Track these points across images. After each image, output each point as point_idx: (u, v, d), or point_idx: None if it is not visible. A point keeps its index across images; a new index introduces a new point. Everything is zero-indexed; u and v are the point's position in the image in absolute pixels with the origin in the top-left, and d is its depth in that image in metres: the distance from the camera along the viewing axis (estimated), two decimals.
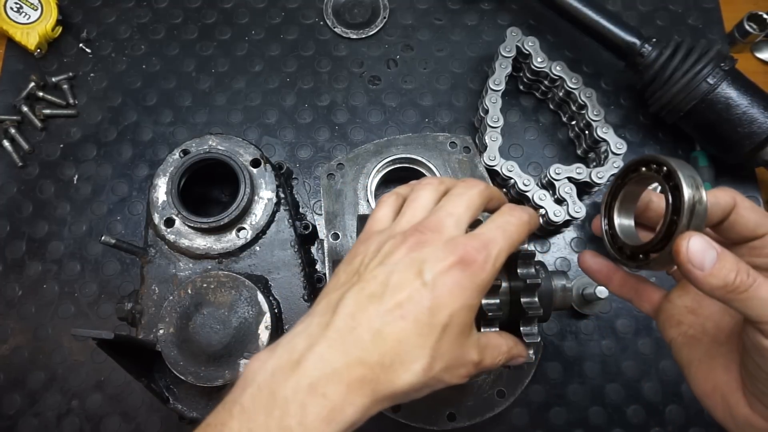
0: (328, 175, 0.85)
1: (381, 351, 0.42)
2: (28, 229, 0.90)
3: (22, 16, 0.95)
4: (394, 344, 0.43)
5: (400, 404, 0.74)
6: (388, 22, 1.00)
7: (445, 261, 0.45)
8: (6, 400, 0.82)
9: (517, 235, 0.49)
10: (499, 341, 0.52)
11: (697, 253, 0.41)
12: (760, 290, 0.40)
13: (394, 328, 0.43)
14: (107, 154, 0.94)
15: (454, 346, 0.45)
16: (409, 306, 0.43)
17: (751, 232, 0.46)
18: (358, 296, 0.45)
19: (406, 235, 0.47)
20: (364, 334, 0.43)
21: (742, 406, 0.45)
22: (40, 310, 0.86)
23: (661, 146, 0.93)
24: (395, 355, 0.43)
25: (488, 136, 0.85)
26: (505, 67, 0.89)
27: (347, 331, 0.43)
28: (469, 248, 0.45)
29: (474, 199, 0.50)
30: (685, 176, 0.43)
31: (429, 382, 0.44)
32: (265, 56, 0.99)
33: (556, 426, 0.82)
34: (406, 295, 0.44)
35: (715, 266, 0.40)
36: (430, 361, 0.43)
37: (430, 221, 0.48)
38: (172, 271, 0.76)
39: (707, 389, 0.48)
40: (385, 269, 0.46)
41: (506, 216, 0.50)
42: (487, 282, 0.46)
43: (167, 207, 0.76)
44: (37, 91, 0.96)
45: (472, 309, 0.46)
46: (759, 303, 0.40)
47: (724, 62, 0.82)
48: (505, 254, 0.47)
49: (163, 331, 0.70)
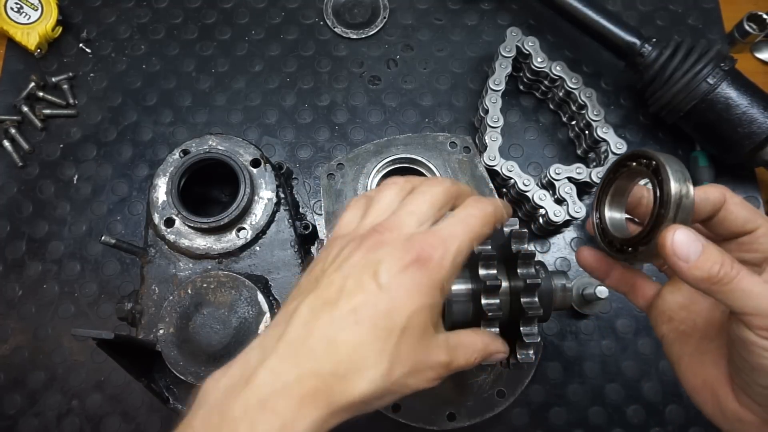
0: (328, 175, 0.85)
1: (335, 360, 0.40)
2: (28, 229, 0.90)
3: (23, 16, 0.95)
4: (349, 352, 0.41)
5: (399, 404, 0.74)
6: (388, 22, 1.00)
7: (401, 260, 0.43)
8: (6, 400, 0.82)
9: (480, 228, 0.48)
10: (472, 339, 0.50)
11: (682, 245, 0.41)
12: (743, 282, 0.41)
13: (348, 335, 0.41)
14: (107, 154, 0.94)
15: (416, 349, 0.43)
16: (363, 310, 0.42)
17: (740, 227, 0.46)
18: (314, 304, 0.43)
19: (364, 236, 0.46)
20: (317, 344, 0.41)
21: (730, 401, 0.45)
22: (40, 310, 0.86)
23: (661, 146, 0.93)
24: (351, 363, 0.41)
25: (488, 136, 0.85)
26: (505, 67, 0.89)
27: (300, 342, 0.41)
28: (426, 245, 0.44)
29: (438, 196, 0.49)
30: (672, 170, 0.43)
31: (391, 389, 0.42)
32: (265, 56, 0.99)
33: (556, 426, 0.82)
34: (361, 299, 0.42)
35: (700, 258, 0.41)
36: (389, 367, 0.41)
37: (390, 221, 0.47)
38: (172, 271, 0.76)
39: (697, 384, 0.48)
40: (341, 274, 0.44)
41: (468, 209, 0.49)
42: (446, 279, 0.44)
43: (167, 207, 0.76)
44: (37, 91, 0.96)
45: (434, 308, 0.45)
46: (741, 295, 0.41)
47: (724, 62, 0.82)
48: (466, 248, 0.46)
49: (163, 331, 0.70)
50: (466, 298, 0.60)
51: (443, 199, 0.49)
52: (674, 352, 0.50)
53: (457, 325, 0.62)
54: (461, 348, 0.48)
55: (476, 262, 0.59)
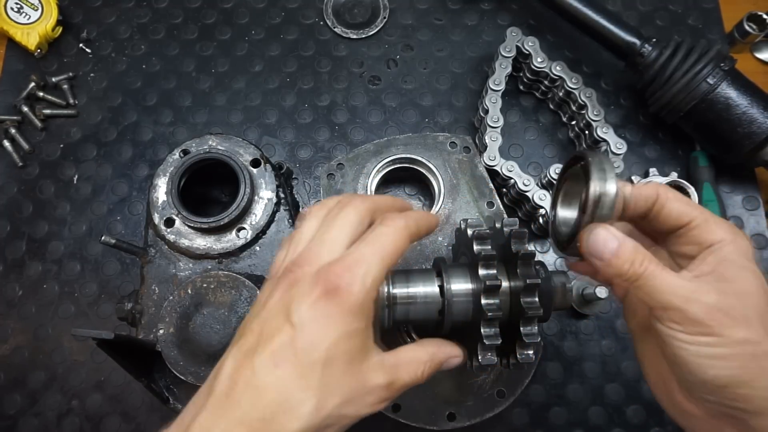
0: (328, 175, 0.85)
1: (260, 406, 0.41)
2: (28, 229, 0.90)
3: (23, 16, 0.95)
4: (273, 395, 0.42)
5: (399, 404, 0.74)
6: (388, 22, 1.00)
7: (311, 295, 0.44)
8: (6, 400, 0.83)
9: (393, 244, 0.47)
10: (413, 353, 0.50)
11: (597, 244, 0.44)
12: (652, 278, 0.43)
13: (270, 379, 0.42)
14: (107, 154, 0.94)
15: (345, 378, 0.44)
16: (281, 352, 0.42)
17: (676, 220, 0.47)
18: (237, 355, 0.44)
19: (281, 277, 0.46)
20: (242, 394, 0.42)
21: (679, 395, 0.47)
22: (40, 310, 0.86)
23: (661, 146, 0.93)
24: (277, 406, 0.41)
25: (488, 136, 0.85)
26: (505, 67, 0.89)
27: (225, 394, 0.42)
28: (332, 275, 0.44)
29: (350, 217, 0.48)
30: (595, 170, 0.45)
31: (329, 421, 0.43)
32: (265, 56, 0.99)
33: (556, 426, 0.82)
34: (278, 341, 0.43)
35: (613, 257, 0.44)
36: (318, 401, 0.42)
37: (302, 256, 0.47)
38: (172, 271, 0.77)
39: (655, 379, 0.49)
40: (260, 320, 0.45)
41: (378, 227, 0.48)
42: (360, 303, 0.44)
43: (167, 207, 0.76)
44: (37, 91, 0.96)
45: (356, 334, 0.44)
46: (651, 290, 0.43)
47: (723, 62, 0.82)
48: (378, 268, 0.45)
49: (163, 331, 0.70)
50: (466, 298, 0.60)
51: (356, 220, 0.49)
52: (638, 347, 0.52)
53: (457, 325, 0.62)
54: (402, 365, 0.48)
55: (476, 262, 0.59)
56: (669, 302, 0.42)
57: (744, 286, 0.43)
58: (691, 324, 0.42)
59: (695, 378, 0.43)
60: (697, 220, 0.46)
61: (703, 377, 0.42)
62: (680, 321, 0.42)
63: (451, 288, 0.60)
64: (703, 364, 0.42)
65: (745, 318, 0.42)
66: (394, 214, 0.50)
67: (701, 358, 0.42)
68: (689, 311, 0.42)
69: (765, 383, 0.41)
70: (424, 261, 0.79)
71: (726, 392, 0.42)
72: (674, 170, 0.89)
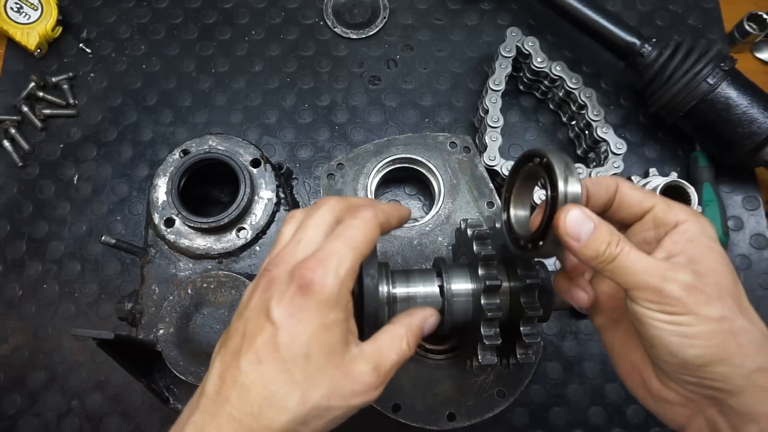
0: (328, 175, 0.85)
1: (247, 402, 0.43)
2: (28, 229, 0.90)
3: (23, 16, 0.95)
4: (259, 390, 0.43)
5: (400, 404, 0.74)
6: (388, 22, 1.00)
7: (287, 292, 0.45)
8: (6, 400, 0.83)
9: (363, 235, 0.48)
10: (390, 332, 0.50)
11: (575, 225, 0.44)
12: (627, 259, 0.43)
13: (255, 376, 0.44)
14: (107, 154, 0.94)
15: (328, 369, 0.45)
16: (263, 349, 0.44)
17: (637, 207, 0.48)
18: (224, 356, 0.46)
19: (259, 278, 0.48)
20: (229, 391, 0.44)
21: (654, 381, 0.47)
22: (40, 310, 0.86)
23: (661, 146, 0.93)
24: (263, 400, 0.43)
25: (488, 136, 0.85)
26: (505, 67, 0.89)
27: (215, 394, 0.44)
28: (305, 270, 0.45)
29: (324, 216, 0.50)
30: (557, 160, 0.46)
31: (316, 413, 0.44)
32: (265, 56, 0.99)
33: (556, 426, 0.82)
34: (260, 340, 0.44)
35: (590, 238, 0.44)
36: (303, 393, 0.44)
37: (278, 255, 0.48)
38: (172, 271, 0.77)
39: (627, 369, 0.49)
40: (243, 321, 0.47)
41: (347, 221, 0.49)
42: (334, 296, 0.45)
43: (167, 207, 0.76)
44: (37, 91, 0.96)
45: (334, 325, 0.45)
46: (625, 271, 0.43)
47: (724, 62, 0.82)
48: (349, 259, 0.46)
49: (163, 331, 0.70)
50: (466, 297, 0.60)
51: (330, 219, 0.50)
52: (608, 341, 0.52)
53: (457, 325, 0.62)
54: (384, 348, 0.49)
55: (476, 262, 0.59)
56: (645, 282, 0.42)
57: (713, 264, 0.44)
58: (668, 303, 0.42)
59: (674, 359, 0.43)
60: (659, 205, 0.47)
61: (683, 357, 0.42)
62: (657, 300, 0.42)
63: (451, 288, 0.60)
64: (683, 343, 0.42)
65: (719, 295, 0.42)
66: (363, 207, 0.51)
67: (680, 338, 0.42)
68: (665, 290, 0.42)
69: (742, 360, 0.41)
70: (424, 261, 0.79)
71: (705, 372, 0.42)
72: (674, 170, 0.89)
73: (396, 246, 0.80)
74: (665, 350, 0.43)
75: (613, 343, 0.51)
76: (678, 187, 0.82)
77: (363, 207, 0.51)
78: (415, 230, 0.81)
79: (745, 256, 0.88)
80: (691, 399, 0.45)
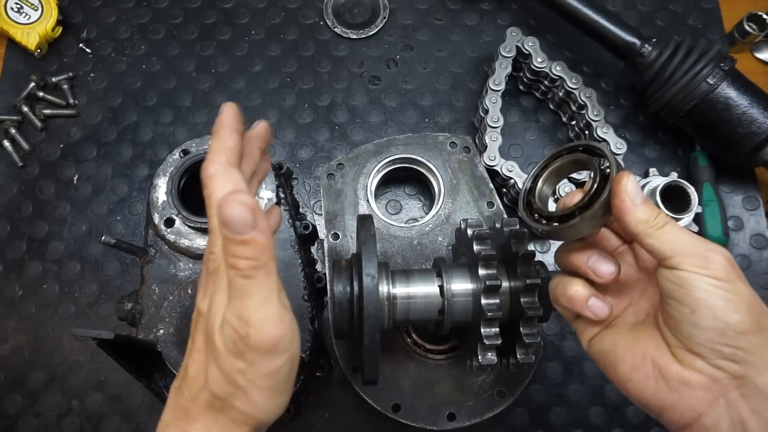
0: (328, 175, 0.85)
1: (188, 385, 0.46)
2: (28, 229, 0.90)
3: (23, 16, 0.95)
4: (192, 373, 0.46)
5: (400, 404, 0.73)
6: (388, 22, 1.00)
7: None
8: (6, 400, 0.82)
9: None
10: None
11: (632, 189, 0.47)
12: (672, 229, 0.47)
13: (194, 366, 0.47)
14: (107, 154, 0.94)
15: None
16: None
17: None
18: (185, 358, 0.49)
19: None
20: (182, 383, 0.47)
21: (673, 365, 0.47)
22: (40, 310, 0.86)
23: (661, 146, 0.93)
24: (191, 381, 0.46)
25: (488, 136, 0.85)
26: (505, 67, 0.89)
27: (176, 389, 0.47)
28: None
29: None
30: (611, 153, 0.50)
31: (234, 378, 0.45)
32: (265, 56, 0.99)
33: (556, 426, 0.82)
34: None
35: (643, 204, 0.47)
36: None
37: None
38: (172, 271, 0.76)
39: (636, 362, 0.49)
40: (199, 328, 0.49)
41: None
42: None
43: (167, 207, 0.76)
44: (37, 91, 0.96)
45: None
46: (671, 238, 0.46)
47: (723, 62, 0.82)
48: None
49: (163, 331, 0.70)
50: (466, 298, 0.60)
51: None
52: (605, 346, 0.52)
53: (458, 325, 0.62)
54: (217, 293, 0.46)
55: (476, 262, 0.59)
56: (691, 249, 0.45)
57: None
58: (715, 269, 0.44)
59: (717, 324, 0.44)
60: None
61: (727, 321, 0.44)
62: (705, 266, 0.44)
63: (451, 288, 0.60)
64: (728, 307, 0.44)
65: (744, 280, 0.46)
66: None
67: (726, 302, 0.44)
68: (711, 257, 0.45)
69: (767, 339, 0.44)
70: (424, 261, 0.79)
71: (743, 340, 0.44)
72: (674, 170, 0.89)
73: (396, 246, 0.80)
74: (709, 314, 0.44)
75: (614, 346, 0.51)
76: (678, 187, 0.82)
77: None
78: (415, 230, 0.81)
79: (745, 256, 0.88)
80: (717, 378, 0.45)
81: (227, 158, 0.50)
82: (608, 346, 0.52)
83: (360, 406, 0.78)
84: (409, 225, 0.82)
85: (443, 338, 0.75)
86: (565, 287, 0.52)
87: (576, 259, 0.53)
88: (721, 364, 0.44)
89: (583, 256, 0.52)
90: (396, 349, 0.75)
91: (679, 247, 0.46)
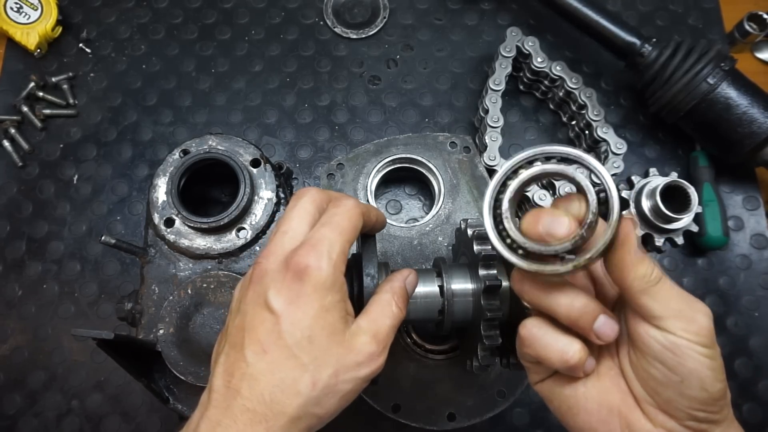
0: (328, 175, 0.85)
1: (258, 391, 0.44)
2: (28, 229, 0.90)
3: (22, 16, 0.95)
4: (268, 378, 0.45)
5: (399, 404, 0.73)
6: (388, 22, 1.00)
7: (283, 280, 0.46)
8: (6, 400, 0.82)
9: (348, 222, 0.50)
10: (378, 300, 0.51)
11: (637, 239, 0.43)
12: (665, 284, 0.42)
13: (262, 365, 0.45)
14: (107, 154, 0.94)
15: (331, 348, 0.46)
16: (267, 339, 0.45)
17: None
18: (228, 351, 0.47)
19: (251, 273, 0.49)
20: (239, 383, 0.45)
21: (643, 422, 0.44)
22: (40, 310, 0.86)
23: (661, 146, 0.93)
24: (274, 387, 0.45)
25: (488, 136, 0.85)
26: (505, 67, 0.89)
27: (224, 388, 0.46)
28: (298, 257, 0.46)
29: (306, 207, 0.51)
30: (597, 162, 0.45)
31: (327, 391, 0.46)
32: (265, 56, 0.99)
33: (556, 426, 0.81)
34: (262, 330, 0.46)
35: (646, 255, 0.42)
36: (312, 375, 0.45)
37: (267, 249, 0.50)
38: (172, 271, 0.76)
39: (602, 415, 0.46)
40: (240, 316, 0.48)
41: (331, 210, 0.51)
42: (330, 278, 0.47)
43: (167, 207, 0.76)
44: (37, 91, 0.96)
45: (332, 307, 0.47)
46: (663, 296, 0.42)
47: (724, 62, 0.82)
48: (339, 243, 0.48)
49: (163, 331, 0.70)
50: (466, 297, 0.60)
51: (312, 209, 0.51)
52: (566, 397, 0.47)
53: (458, 325, 0.62)
54: (377, 316, 0.50)
55: (476, 262, 0.59)
56: (681, 311, 0.42)
57: None
58: (703, 335, 0.42)
59: (703, 394, 0.42)
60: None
61: (712, 392, 0.42)
62: (695, 331, 0.41)
63: (452, 288, 0.60)
64: (714, 377, 0.42)
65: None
66: (343, 196, 0.53)
67: (713, 372, 0.42)
68: (698, 321, 0.42)
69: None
70: (424, 261, 0.79)
71: (718, 405, 0.42)
72: (674, 170, 0.89)
73: (396, 246, 0.80)
74: (698, 384, 0.41)
75: (573, 390, 0.47)
76: (678, 187, 0.82)
77: (343, 196, 0.53)
78: (415, 230, 0.81)
79: (745, 256, 0.88)
80: None
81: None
82: (567, 391, 0.47)
83: (360, 407, 0.78)
84: (409, 225, 0.82)
85: (443, 338, 0.75)
86: (557, 345, 0.45)
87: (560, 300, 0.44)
88: (691, 425, 0.43)
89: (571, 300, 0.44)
90: (396, 349, 0.75)
91: (671, 308, 0.42)
